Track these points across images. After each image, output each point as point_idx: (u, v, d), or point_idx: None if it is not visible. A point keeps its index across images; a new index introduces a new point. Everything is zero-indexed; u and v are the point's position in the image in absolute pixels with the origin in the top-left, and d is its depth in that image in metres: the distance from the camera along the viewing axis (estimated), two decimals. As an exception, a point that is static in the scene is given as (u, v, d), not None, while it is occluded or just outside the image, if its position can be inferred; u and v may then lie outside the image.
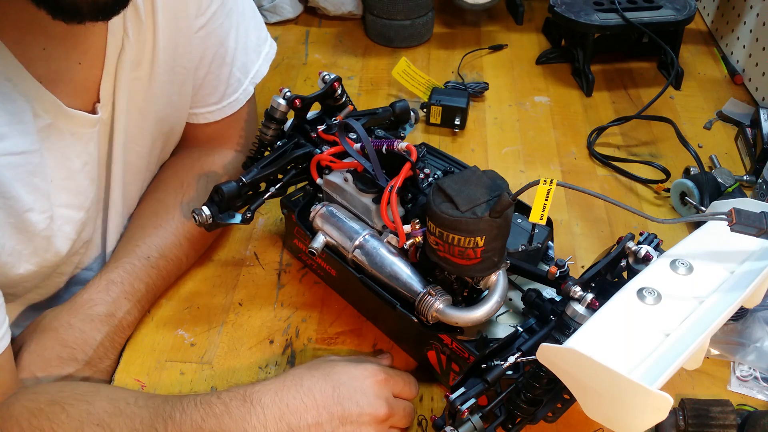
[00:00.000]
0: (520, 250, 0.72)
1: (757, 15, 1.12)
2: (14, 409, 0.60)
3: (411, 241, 0.66)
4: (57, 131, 0.66)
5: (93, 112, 0.70)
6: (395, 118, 0.81)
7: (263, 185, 0.76)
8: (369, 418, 0.60)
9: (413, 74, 1.10)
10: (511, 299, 0.71)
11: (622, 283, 0.58)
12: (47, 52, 0.64)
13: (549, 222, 0.76)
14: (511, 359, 0.58)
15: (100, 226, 0.79)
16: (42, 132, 0.64)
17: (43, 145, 0.64)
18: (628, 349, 0.51)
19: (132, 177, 0.80)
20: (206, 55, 0.80)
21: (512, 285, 0.72)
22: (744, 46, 1.16)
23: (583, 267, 0.83)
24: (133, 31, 0.70)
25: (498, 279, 0.64)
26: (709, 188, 0.88)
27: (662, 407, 0.45)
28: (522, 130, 1.08)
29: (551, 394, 0.58)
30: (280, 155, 0.75)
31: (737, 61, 1.19)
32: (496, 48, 1.26)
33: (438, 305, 0.64)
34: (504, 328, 0.69)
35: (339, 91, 0.78)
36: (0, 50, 0.59)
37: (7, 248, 0.63)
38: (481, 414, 0.57)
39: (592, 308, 0.57)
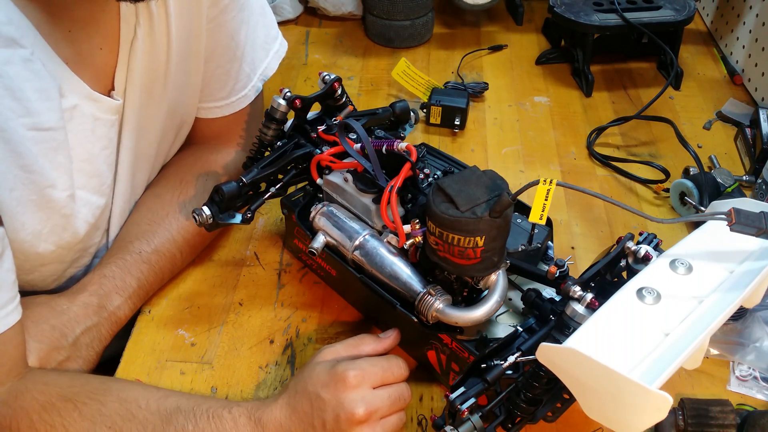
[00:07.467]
0: (520, 250, 0.72)
1: (757, 15, 1.12)
2: (24, 400, 0.61)
3: (411, 241, 0.66)
4: (81, 113, 0.67)
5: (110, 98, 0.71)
6: (395, 119, 0.81)
7: (263, 185, 0.76)
8: (348, 424, 0.61)
9: (413, 75, 1.10)
10: (511, 299, 0.71)
11: (621, 282, 0.58)
12: (72, 34, 0.65)
13: (549, 222, 0.76)
14: (511, 359, 0.59)
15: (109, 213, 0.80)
16: (67, 113, 0.65)
17: (67, 126, 0.65)
18: (628, 348, 0.51)
19: (140, 165, 0.80)
20: (217, 47, 0.81)
21: (512, 285, 0.72)
22: (743, 47, 1.16)
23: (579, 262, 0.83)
24: (144, 18, 0.70)
25: (498, 279, 0.64)
26: (709, 188, 0.88)
27: (662, 407, 0.45)
28: (522, 130, 1.08)
29: (551, 393, 0.59)
30: (280, 155, 0.75)
31: (737, 62, 1.19)
32: (496, 48, 1.27)
33: (438, 305, 0.64)
34: (504, 328, 0.69)
35: (339, 92, 0.78)
36: (29, 30, 0.60)
37: (27, 226, 0.64)
38: (481, 414, 0.57)
39: (591, 308, 0.57)
